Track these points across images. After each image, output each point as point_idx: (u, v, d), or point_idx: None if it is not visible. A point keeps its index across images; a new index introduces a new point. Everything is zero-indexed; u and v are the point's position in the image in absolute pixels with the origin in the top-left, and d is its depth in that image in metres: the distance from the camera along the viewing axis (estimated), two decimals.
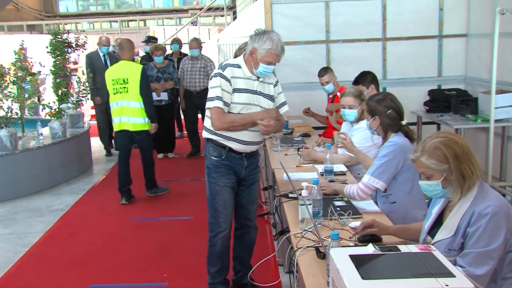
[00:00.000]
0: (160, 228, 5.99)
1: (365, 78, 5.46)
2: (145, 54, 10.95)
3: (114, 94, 6.69)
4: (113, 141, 9.68)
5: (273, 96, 4.02)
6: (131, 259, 5.16)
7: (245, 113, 3.87)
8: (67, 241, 5.72)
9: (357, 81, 5.53)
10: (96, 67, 9.23)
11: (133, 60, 7.37)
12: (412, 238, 2.93)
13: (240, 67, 3.90)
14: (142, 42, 11.39)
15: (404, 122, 3.77)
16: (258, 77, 3.92)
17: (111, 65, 8.48)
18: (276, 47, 3.76)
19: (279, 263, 4.79)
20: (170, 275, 4.77)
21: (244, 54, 3.95)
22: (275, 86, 4.06)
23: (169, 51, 10.26)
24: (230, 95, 3.84)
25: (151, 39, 10.76)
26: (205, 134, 4.03)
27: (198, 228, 5.87)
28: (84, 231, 6.00)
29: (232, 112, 3.88)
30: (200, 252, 5.13)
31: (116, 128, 6.83)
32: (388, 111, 3.73)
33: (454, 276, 1.94)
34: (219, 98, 3.80)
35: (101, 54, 9.43)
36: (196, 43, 9.03)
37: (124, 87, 6.62)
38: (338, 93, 5.75)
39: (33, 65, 8.45)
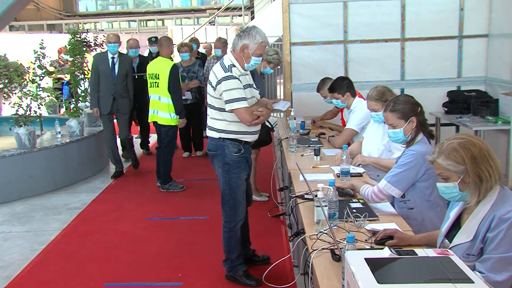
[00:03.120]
0: (175, 228, 5.98)
1: (341, 86, 5.44)
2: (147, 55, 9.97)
3: (150, 87, 7.25)
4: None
5: (253, 84, 4.39)
6: (146, 258, 5.15)
7: (262, 108, 4.25)
8: (83, 239, 5.73)
9: (332, 89, 5.51)
10: (101, 71, 7.83)
11: (171, 58, 7.40)
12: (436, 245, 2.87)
13: (235, 66, 4.20)
14: (149, 44, 9.92)
15: None
16: (246, 70, 4.28)
17: (119, 69, 7.85)
18: (265, 39, 4.17)
19: (294, 264, 4.77)
20: (185, 274, 4.76)
21: (232, 52, 4.26)
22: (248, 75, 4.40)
23: None
24: (245, 92, 4.17)
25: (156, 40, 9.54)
26: (219, 135, 4.29)
27: (213, 228, 5.85)
28: (100, 230, 6.01)
29: None
30: (215, 252, 5.14)
31: (149, 119, 7.39)
32: (419, 108, 3.65)
33: (473, 282, 1.89)
34: (242, 98, 4.12)
35: (109, 56, 7.89)
36: (219, 43, 9.03)
37: (156, 82, 7.13)
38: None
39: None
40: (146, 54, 10.16)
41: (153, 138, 9.17)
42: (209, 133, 4.38)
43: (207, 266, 4.91)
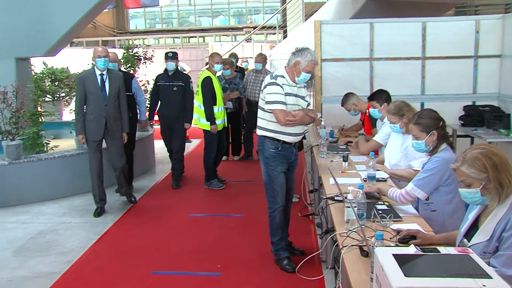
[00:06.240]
0: (214, 224, 6.04)
1: (380, 96, 5.43)
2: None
3: (195, 95, 7.49)
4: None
5: (305, 96, 4.63)
6: (189, 250, 5.22)
7: (299, 112, 4.46)
8: (133, 232, 5.84)
9: (372, 97, 5.52)
10: (90, 91, 6.16)
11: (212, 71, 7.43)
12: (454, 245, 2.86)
13: (284, 77, 4.47)
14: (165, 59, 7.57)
15: None
16: (296, 83, 4.51)
17: (110, 87, 6.25)
18: (315, 59, 4.44)
19: (322, 259, 4.77)
20: (224, 266, 4.80)
21: (286, 66, 4.54)
22: (304, 87, 4.68)
23: None
24: (284, 98, 4.39)
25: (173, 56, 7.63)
26: (261, 133, 4.59)
27: (249, 225, 5.90)
28: (147, 224, 6.10)
29: None
30: (251, 246, 5.19)
31: (193, 122, 7.58)
32: (441, 123, 3.67)
33: (491, 278, 1.90)
34: (281, 102, 4.38)
35: (97, 73, 6.21)
36: (260, 58, 9.09)
37: (198, 91, 7.39)
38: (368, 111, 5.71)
39: None
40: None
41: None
42: (257, 131, 4.68)
43: (244, 259, 4.95)
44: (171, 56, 7.51)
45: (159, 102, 7.67)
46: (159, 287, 4.44)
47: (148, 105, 8.08)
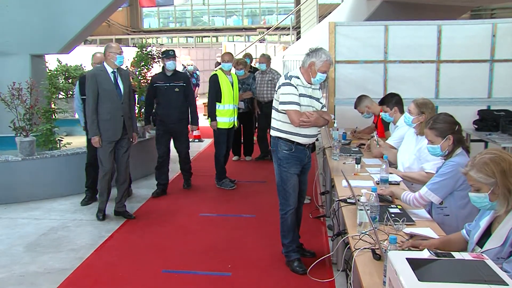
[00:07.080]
0: (225, 224, 6.03)
1: (390, 100, 5.39)
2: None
3: None
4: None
5: (319, 98, 4.61)
6: (199, 249, 5.22)
7: (313, 113, 4.44)
8: (143, 230, 5.85)
9: (383, 101, 5.48)
10: (104, 89, 5.86)
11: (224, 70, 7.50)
12: (454, 249, 2.79)
13: (299, 78, 4.46)
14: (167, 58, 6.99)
15: None
16: (311, 85, 4.49)
17: (124, 85, 6.02)
18: (329, 59, 4.44)
19: (333, 261, 4.75)
20: (234, 266, 4.80)
21: (301, 68, 4.53)
22: (319, 89, 4.67)
23: None
24: (299, 98, 4.38)
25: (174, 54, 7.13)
26: (275, 133, 4.58)
27: (259, 225, 5.90)
28: (158, 222, 6.11)
29: None
30: (262, 247, 5.19)
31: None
32: (457, 127, 3.63)
33: (507, 285, 1.88)
34: (294, 102, 4.38)
35: (109, 71, 5.94)
36: (264, 58, 9.13)
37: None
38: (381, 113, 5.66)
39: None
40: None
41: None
42: (270, 131, 4.68)
43: (254, 259, 4.95)
44: (173, 55, 6.99)
45: (156, 105, 7.14)
46: (169, 286, 4.44)
47: (143, 110, 7.72)
